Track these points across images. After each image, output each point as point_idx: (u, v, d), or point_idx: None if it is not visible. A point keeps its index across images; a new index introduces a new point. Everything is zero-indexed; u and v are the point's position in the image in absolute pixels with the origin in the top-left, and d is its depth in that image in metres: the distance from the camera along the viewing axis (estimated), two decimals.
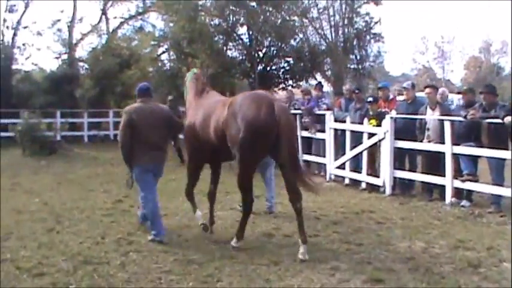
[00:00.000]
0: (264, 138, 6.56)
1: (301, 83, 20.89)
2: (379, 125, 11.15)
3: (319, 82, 16.99)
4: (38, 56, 58.80)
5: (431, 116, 10.41)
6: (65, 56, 28.57)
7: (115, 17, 30.96)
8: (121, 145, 7.47)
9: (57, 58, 28.97)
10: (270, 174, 9.63)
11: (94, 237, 7.47)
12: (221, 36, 19.36)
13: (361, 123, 11.73)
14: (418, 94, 11.79)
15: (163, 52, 24.82)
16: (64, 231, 7.89)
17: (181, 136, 8.52)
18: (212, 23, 19.26)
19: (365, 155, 11.60)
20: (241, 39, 19.52)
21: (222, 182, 8.71)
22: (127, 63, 24.60)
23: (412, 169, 11.05)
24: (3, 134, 22.11)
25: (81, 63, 28.74)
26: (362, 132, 11.64)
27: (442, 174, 9.85)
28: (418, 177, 10.77)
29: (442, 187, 10.02)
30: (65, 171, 14.38)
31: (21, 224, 8.32)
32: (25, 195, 11.01)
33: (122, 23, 30.30)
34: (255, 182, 7.50)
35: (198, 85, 8.25)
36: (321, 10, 21.05)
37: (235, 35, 19.40)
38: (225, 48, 19.79)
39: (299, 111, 13.83)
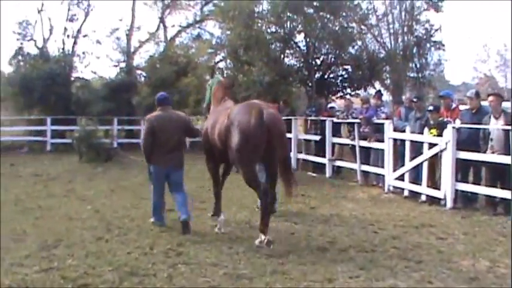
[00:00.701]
0: (255, 142, 7.44)
1: (359, 92, 20.47)
2: (440, 134, 10.71)
3: (379, 90, 16.57)
4: (97, 64, 59.95)
5: (494, 126, 9.91)
6: (123, 64, 28.92)
7: (173, 26, 31.17)
8: (143, 149, 8.73)
9: (115, 66, 29.36)
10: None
11: (143, 247, 7.36)
12: (278, 44, 19.10)
13: (421, 133, 11.33)
14: (483, 103, 11.25)
15: (220, 60, 24.80)
16: (113, 240, 7.83)
17: None
18: (269, 30, 19.04)
19: (425, 166, 11.15)
20: (299, 47, 19.20)
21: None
22: (184, 71, 24.69)
23: (477, 181, 10.52)
24: (61, 140, 22.61)
25: (138, 71, 29.05)
26: (422, 142, 11.23)
27: (507, 187, 9.31)
28: (481, 190, 10.27)
29: (507, 201, 9.48)
30: (119, 178, 14.43)
31: (71, 231, 8.33)
32: (78, 202, 11.11)
33: (179, 31, 30.48)
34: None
35: (220, 93, 9.37)
36: (380, 17, 20.56)
37: (292, 42, 19.10)
38: (282, 55, 19.52)
39: (357, 120, 13.51)
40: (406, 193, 11.82)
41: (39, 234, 8.09)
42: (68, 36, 28.23)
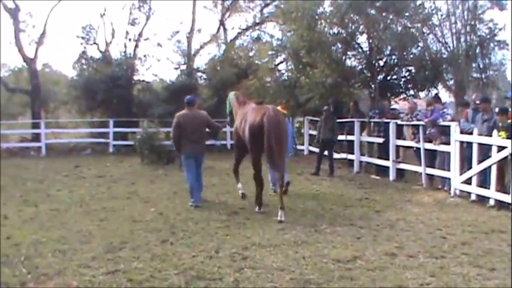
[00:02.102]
0: (257, 136, 9.93)
1: (422, 93, 20.05)
2: (509, 137, 10.30)
3: (436, 94, 16.26)
4: (158, 66, 60.84)
5: None
6: (184, 67, 29.22)
7: (232, 28, 31.30)
8: (172, 140, 11.72)
9: (176, 69, 29.73)
10: None
11: (208, 250, 7.33)
12: (340, 45, 18.86)
13: (489, 135, 10.92)
14: None
15: (281, 62, 24.71)
16: (178, 243, 7.83)
17: None
18: (331, 31, 18.81)
19: (494, 169, 10.74)
20: (361, 48, 18.89)
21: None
22: (244, 73, 24.74)
23: None
24: (123, 142, 22.97)
25: (199, 73, 29.39)
26: (490, 145, 10.82)
27: None
28: None
29: None
30: (181, 180, 14.39)
31: (136, 234, 8.40)
32: (141, 204, 11.22)
33: (239, 33, 30.49)
34: None
35: (240, 100, 11.93)
36: (443, 17, 19.97)
37: (354, 43, 18.83)
38: (344, 57, 19.28)
39: (422, 123, 13.21)
40: (473, 197, 11.44)
41: (105, 236, 8.19)
42: (129, 39, 28.84)
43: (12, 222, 9.30)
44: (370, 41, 18.51)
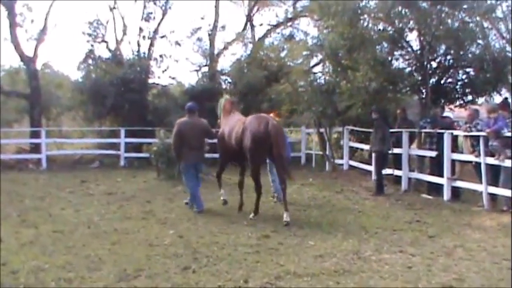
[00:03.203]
0: (262, 145, 11.71)
1: (481, 99, 19.76)
2: None
3: (505, 98, 16.03)
4: (176, 68, 61.03)
5: None
6: (206, 69, 29.28)
7: (261, 24, 31.34)
8: (173, 148, 13.25)
9: (196, 71, 29.79)
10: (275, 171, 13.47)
11: (236, 279, 7.37)
12: (386, 44, 18.70)
13: None
14: None
15: (316, 64, 24.65)
16: (201, 270, 7.88)
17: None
18: (376, 28, 18.67)
19: None
20: (411, 47, 18.68)
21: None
22: (275, 76, 24.73)
23: None
24: (136, 154, 23.05)
25: (223, 77, 29.33)
26: None
27: None
28: None
29: None
30: (204, 198, 14.47)
31: (153, 260, 8.46)
32: (158, 225, 11.30)
33: (269, 31, 30.52)
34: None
35: (228, 107, 13.63)
36: (509, 8, 19.53)
37: (403, 42, 18.64)
38: (390, 58, 19.10)
39: (483, 133, 13.05)
40: None
41: (117, 262, 8.26)
42: (143, 37, 28.90)
43: (9, 246, 9.35)
44: (421, 38, 18.29)
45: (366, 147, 19.78)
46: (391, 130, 16.41)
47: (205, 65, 29.51)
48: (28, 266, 8.03)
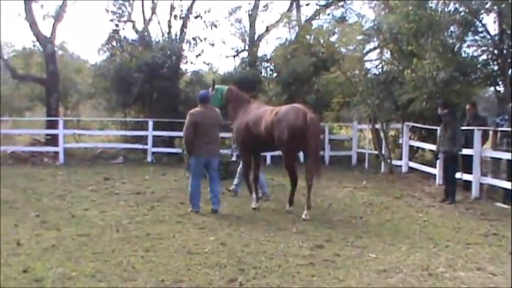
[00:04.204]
0: (300, 137, 12.72)
1: None
2: None
3: None
4: (212, 53, 60.86)
5: None
6: (245, 54, 29.16)
7: (307, 4, 31.11)
8: (186, 140, 13.24)
9: (234, 56, 29.69)
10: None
11: None
12: (457, 28, 18.32)
13: None
14: None
15: (370, 50, 24.44)
16: (249, 283, 7.81)
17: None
18: (446, 9, 18.29)
19: None
20: (487, 31, 18.26)
21: None
22: (324, 64, 24.48)
23: None
24: (165, 149, 22.96)
25: (264, 63, 29.14)
26: None
27: None
28: None
29: None
30: (245, 201, 14.44)
31: (193, 270, 8.38)
32: (196, 230, 11.23)
33: (317, 12, 30.24)
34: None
35: (240, 96, 14.78)
36: None
37: (477, 25, 18.23)
38: (461, 44, 18.71)
39: None
40: None
41: (153, 272, 8.20)
42: (175, 17, 28.96)
43: (29, 251, 9.34)
44: (501, 21, 17.89)
45: (429, 146, 19.54)
46: (462, 128, 16.12)
47: (244, 50, 29.40)
48: (53, 273, 8.01)
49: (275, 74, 27.64)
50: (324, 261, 8.97)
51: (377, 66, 23.71)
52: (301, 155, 14.08)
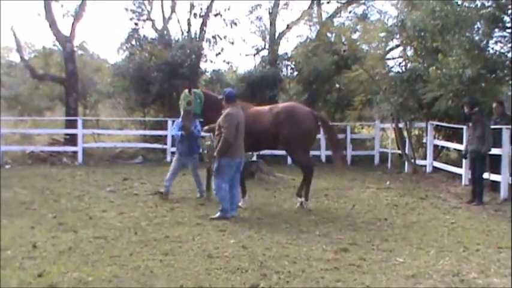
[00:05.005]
0: (311, 135, 14.01)
1: None
2: None
3: None
4: (232, 51, 60.91)
5: None
6: (265, 52, 28.98)
7: (328, 2, 30.84)
8: (227, 142, 12.34)
9: (255, 54, 29.51)
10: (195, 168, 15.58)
11: None
12: (484, 24, 17.92)
13: None
14: None
15: (391, 48, 24.11)
16: None
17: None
18: (473, 5, 17.92)
19: None
20: None
21: None
22: (345, 62, 24.19)
23: None
24: None
25: (285, 62, 28.96)
26: None
27: None
28: None
29: None
30: (266, 202, 14.27)
31: (213, 274, 8.18)
32: (216, 233, 11.01)
33: (338, 9, 30.02)
34: None
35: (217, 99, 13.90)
36: None
37: (506, 20, 17.79)
38: (487, 40, 18.31)
39: None
40: None
41: (172, 276, 8.00)
42: (194, 15, 28.86)
43: (45, 254, 9.16)
44: None
45: (455, 146, 19.25)
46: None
47: (264, 48, 29.23)
48: (69, 278, 7.81)
49: (296, 73, 27.47)
50: (349, 266, 8.72)
51: (400, 64, 23.41)
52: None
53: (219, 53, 28.27)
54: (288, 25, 29.51)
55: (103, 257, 8.93)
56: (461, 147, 17.55)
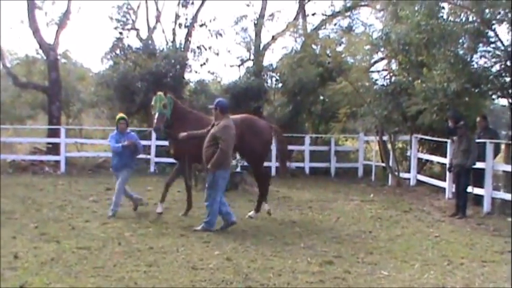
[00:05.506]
0: (270, 146, 16.07)
1: None
2: None
3: None
4: (216, 62, 60.84)
5: None
6: (250, 63, 28.96)
7: (314, 14, 30.87)
8: (226, 154, 12.32)
9: (239, 65, 29.48)
10: (124, 182, 14.42)
11: None
12: (469, 38, 17.95)
13: None
14: None
15: (376, 61, 24.17)
16: None
17: None
18: (458, 19, 17.96)
19: None
20: (501, 41, 17.81)
21: None
22: (330, 74, 24.22)
23: None
24: (168, 160, 22.73)
25: (270, 73, 28.87)
26: None
27: None
28: None
29: None
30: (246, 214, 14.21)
31: (198, 286, 8.23)
32: (200, 244, 11.00)
33: (323, 21, 30.04)
34: None
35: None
36: None
37: (490, 35, 17.84)
38: (472, 54, 18.36)
39: None
40: None
41: None
42: (179, 25, 28.81)
43: (27, 264, 9.11)
44: None
45: (438, 159, 19.33)
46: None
47: (249, 59, 29.22)
48: None
49: (280, 84, 27.37)
50: (335, 279, 8.75)
51: (385, 76, 23.46)
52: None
53: (204, 64, 28.21)
54: (273, 36, 29.41)
55: (86, 268, 8.88)
56: (445, 160, 17.65)
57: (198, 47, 28.46)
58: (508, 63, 17.22)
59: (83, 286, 7.90)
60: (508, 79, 17.42)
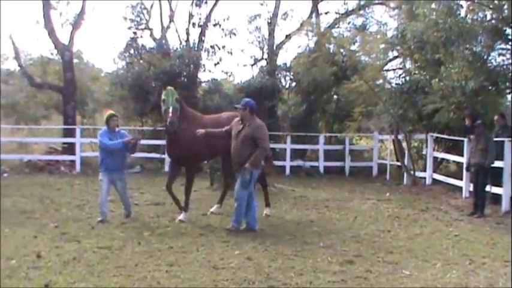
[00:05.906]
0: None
1: None
2: None
3: None
4: (230, 61, 60.83)
5: None
6: (264, 62, 28.87)
7: (327, 12, 30.80)
8: (265, 154, 12.54)
9: (252, 65, 29.39)
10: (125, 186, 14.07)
11: None
12: (486, 36, 17.84)
13: None
14: None
15: (390, 59, 24.11)
16: None
17: None
18: (476, 17, 17.87)
19: None
20: None
21: None
22: (345, 72, 24.14)
23: None
24: None
25: (284, 72, 28.90)
26: None
27: None
28: None
29: None
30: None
31: (220, 286, 8.17)
32: (220, 243, 10.93)
33: (337, 20, 29.93)
34: None
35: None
36: None
37: (508, 32, 17.71)
38: (490, 52, 18.24)
39: None
40: None
41: None
42: (193, 24, 28.68)
43: (50, 264, 9.08)
44: None
45: (455, 158, 19.21)
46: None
47: (263, 59, 29.13)
48: None
49: (294, 83, 27.40)
50: (356, 278, 8.68)
51: (400, 75, 23.37)
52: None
53: (218, 63, 28.05)
54: (287, 35, 29.35)
55: (108, 268, 8.85)
56: (462, 159, 17.53)
57: (211, 47, 28.26)
58: None
59: (107, 285, 7.86)
60: None
